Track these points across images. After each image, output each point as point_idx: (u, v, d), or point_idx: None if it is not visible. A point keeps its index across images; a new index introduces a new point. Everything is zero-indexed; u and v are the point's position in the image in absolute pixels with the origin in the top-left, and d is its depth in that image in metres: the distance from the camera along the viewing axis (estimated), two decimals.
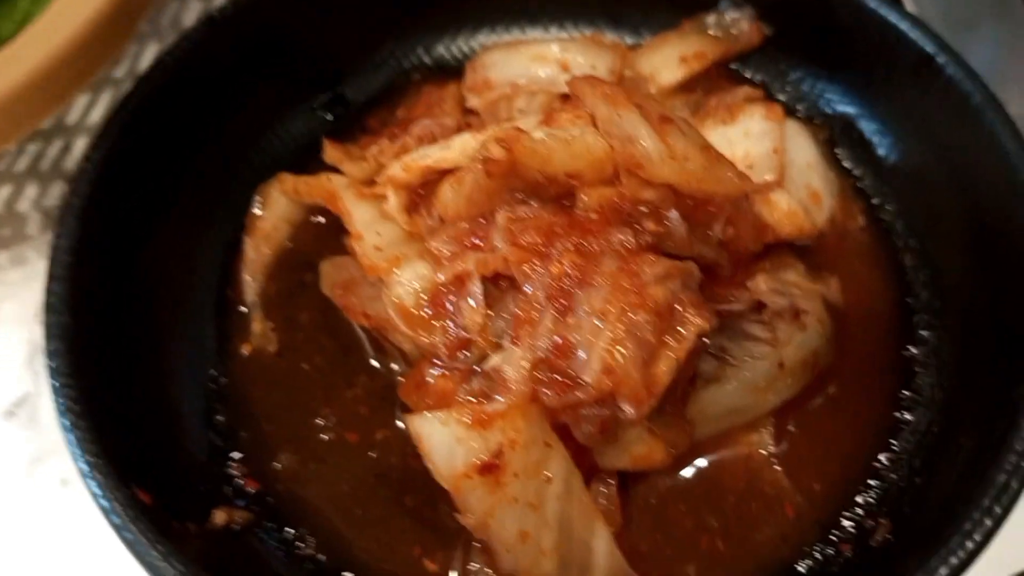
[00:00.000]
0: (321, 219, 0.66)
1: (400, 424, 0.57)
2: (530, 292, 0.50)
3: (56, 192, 0.75)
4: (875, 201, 0.66)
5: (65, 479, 0.61)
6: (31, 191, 0.75)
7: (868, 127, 0.67)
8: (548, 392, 0.48)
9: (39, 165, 0.76)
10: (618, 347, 0.46)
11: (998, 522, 0.44)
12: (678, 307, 0.48)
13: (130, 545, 0.45)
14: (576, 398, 0.47)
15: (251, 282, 0.64)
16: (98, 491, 0.46)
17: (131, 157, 0.59)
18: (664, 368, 0.47)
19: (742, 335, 0.57)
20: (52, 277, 0.53)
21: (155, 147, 0.61)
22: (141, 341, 0.57)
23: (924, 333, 0.60)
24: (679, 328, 0.48)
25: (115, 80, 0.79)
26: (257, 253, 0.65)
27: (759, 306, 0.57)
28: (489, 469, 0.48)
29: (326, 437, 0.58)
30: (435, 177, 0.58)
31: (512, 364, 0.49)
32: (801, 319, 0.57)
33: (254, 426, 0.58)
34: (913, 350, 0.59)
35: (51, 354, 0.50)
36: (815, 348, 0.57)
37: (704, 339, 0.49)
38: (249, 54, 0.67)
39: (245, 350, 0.61)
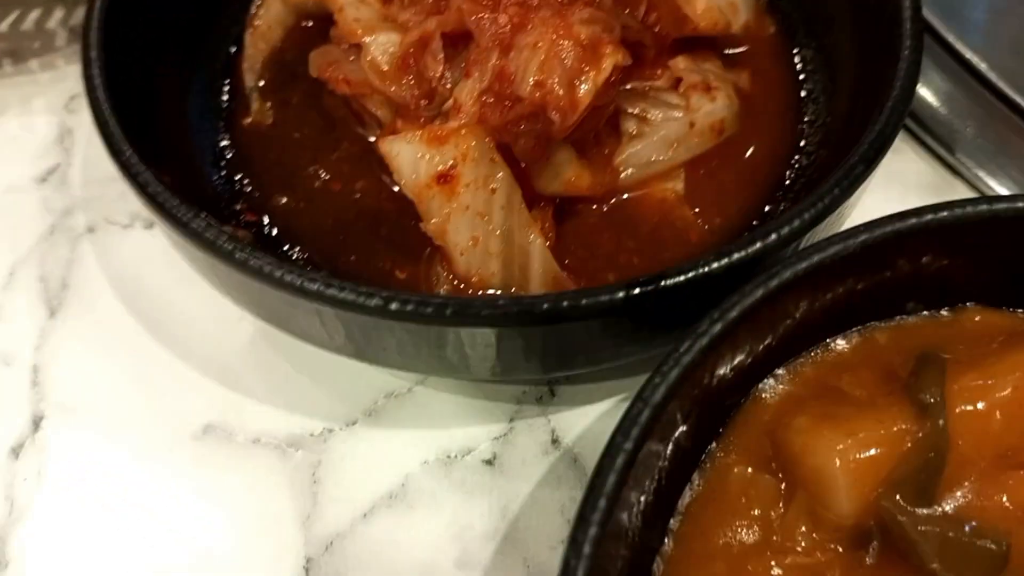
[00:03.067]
0: (310, 23, 0.77)
1: (379, 177, 0.69)
2: (480, 41, 0.61)
3: (79, 14, 0.85)
4: (782, 11, 0.77)
5: (90, 226, 0.72)
6: (58, 13, 0.86)
7: None
8: (492, 111, 0.59)
9: None
10: (548, 68, 0.58)
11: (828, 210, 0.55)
12: (599, 46, 0.59)
13: (159, 207, 0.55)
14: (515, 113, 0.58)
15: (249, 71, 0.75)
16: (133, 170, 0.56)
17: None
18: (585, 89, 0.58)
19: (662, 103, 0.68)
20: (88, 29, 0.63)
21: None
22: (163, 103, 0.68)
23: (815, 108, 0.71)
24: (599, 61, 0.59)
25: None
26: (255, 49, 0.76)
27: (678, 82, 0.69)
28: (446, 179, 0.60)
29: (315, 185, 0.69)
30: None
31: (463, 93, 0.60)
32: (712, 93, 0.69)
33: (254, 178, 0.70)
34: (805, 120, 0.71)
35: (89, 79, 0.61)
36: (722, 117, 0.69)
37: (618, 73, 0.60)
38: None
39: (246, 122, 0.73)
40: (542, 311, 0.50)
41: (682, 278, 0.50)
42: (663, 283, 0.50)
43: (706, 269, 0.51)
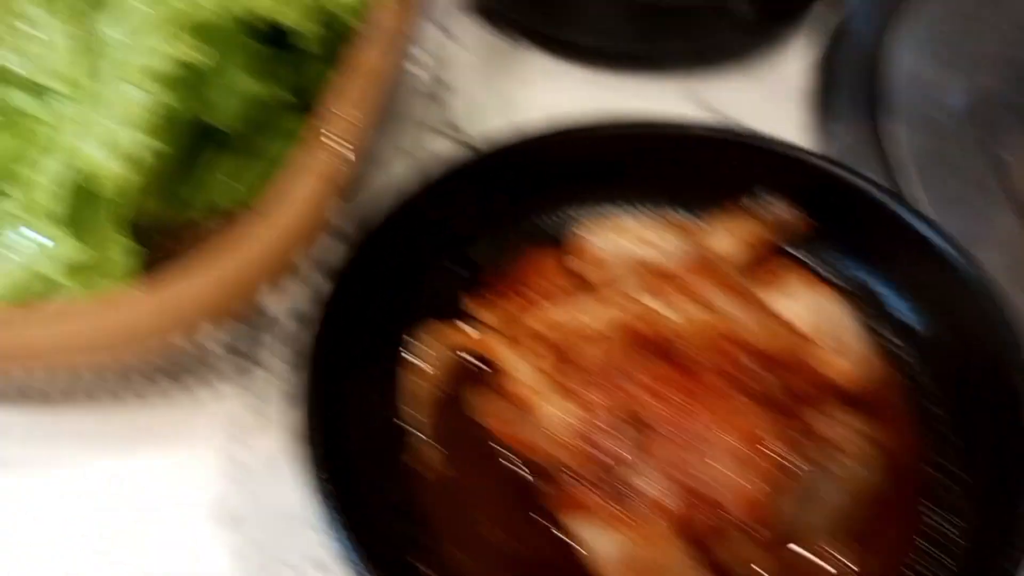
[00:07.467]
0: (467, 356, 0.83)
1: (550, 531, 0.73)
2: (660, 429, 0.68)
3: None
4: (909, 365, 0.83)
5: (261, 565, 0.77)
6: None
7: (895, 301, 0.85)
8: (675, 504, 0.65)
9: None
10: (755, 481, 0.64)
11: None
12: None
13: None
14: (697, 509, 0.64)
15: (413, 413, 0.81)
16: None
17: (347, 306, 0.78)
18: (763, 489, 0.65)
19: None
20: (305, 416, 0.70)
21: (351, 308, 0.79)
22: (346, 462, 0.73)
23: (947, 493, 0.76)
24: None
25: None
26: (417, 388, 0.82)
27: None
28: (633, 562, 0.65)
29: (487, 540, 0.73)
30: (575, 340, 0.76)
31: (645, 485, 0.66)
32: (849, 447, 0.75)
33: (425, 528, 0.75)
34: (939, 512, 0.75)
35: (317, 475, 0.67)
36: (862, 474, 0.75)
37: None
38: (410, 235, 0.85)
39: (416, 468, 0.78)
40: None
41: None
42: None
43: None
